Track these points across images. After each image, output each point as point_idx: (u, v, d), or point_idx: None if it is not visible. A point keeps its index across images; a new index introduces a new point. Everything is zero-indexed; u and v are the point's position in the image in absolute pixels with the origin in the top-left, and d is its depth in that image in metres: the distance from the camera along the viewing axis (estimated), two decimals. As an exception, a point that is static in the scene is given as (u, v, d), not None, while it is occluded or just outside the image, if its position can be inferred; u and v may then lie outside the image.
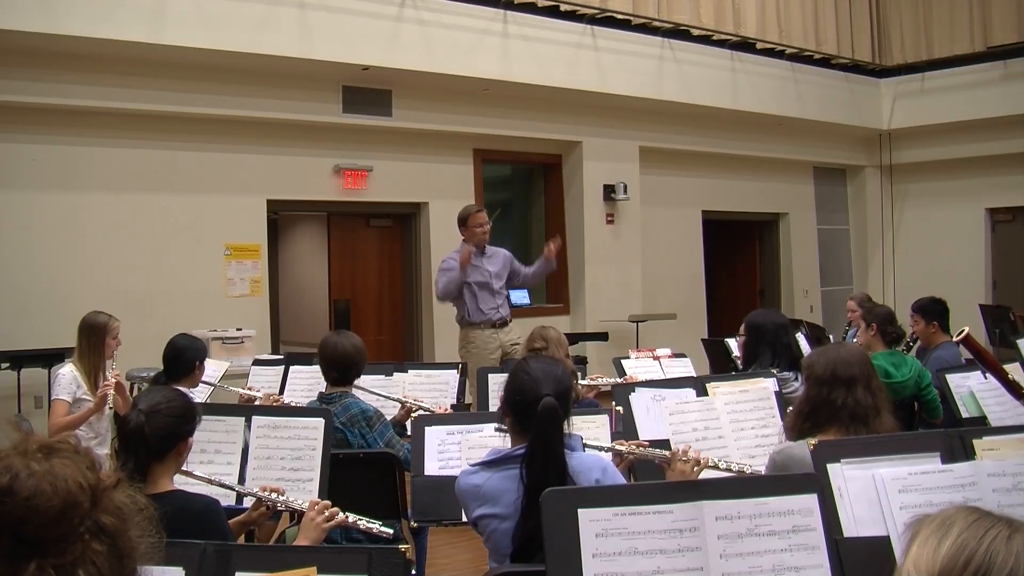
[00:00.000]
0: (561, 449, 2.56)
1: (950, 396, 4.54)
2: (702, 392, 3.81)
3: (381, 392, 4.47)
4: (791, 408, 3.14)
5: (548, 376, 2.63)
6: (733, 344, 5.90)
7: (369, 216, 9.63)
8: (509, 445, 2.68)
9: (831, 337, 7.53)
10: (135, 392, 6.58)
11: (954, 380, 4.58)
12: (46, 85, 7.16)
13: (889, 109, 12.45)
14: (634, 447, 3.22)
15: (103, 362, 4.73)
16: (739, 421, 3.71)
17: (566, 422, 2.60)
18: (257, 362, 5.68)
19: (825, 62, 11.89)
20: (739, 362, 5.05)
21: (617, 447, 3.22)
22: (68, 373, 4.69)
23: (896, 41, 12.54)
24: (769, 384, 3.88)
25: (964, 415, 4.47)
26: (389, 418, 4.22)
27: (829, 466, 2.35)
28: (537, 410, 2.54)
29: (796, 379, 4.41)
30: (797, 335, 5.16)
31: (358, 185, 8.95)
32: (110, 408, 4.61)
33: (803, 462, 2.54)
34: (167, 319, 7.52)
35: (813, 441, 2.48)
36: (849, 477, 2.34)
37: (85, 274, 7.57)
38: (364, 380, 4.29)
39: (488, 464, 2.65)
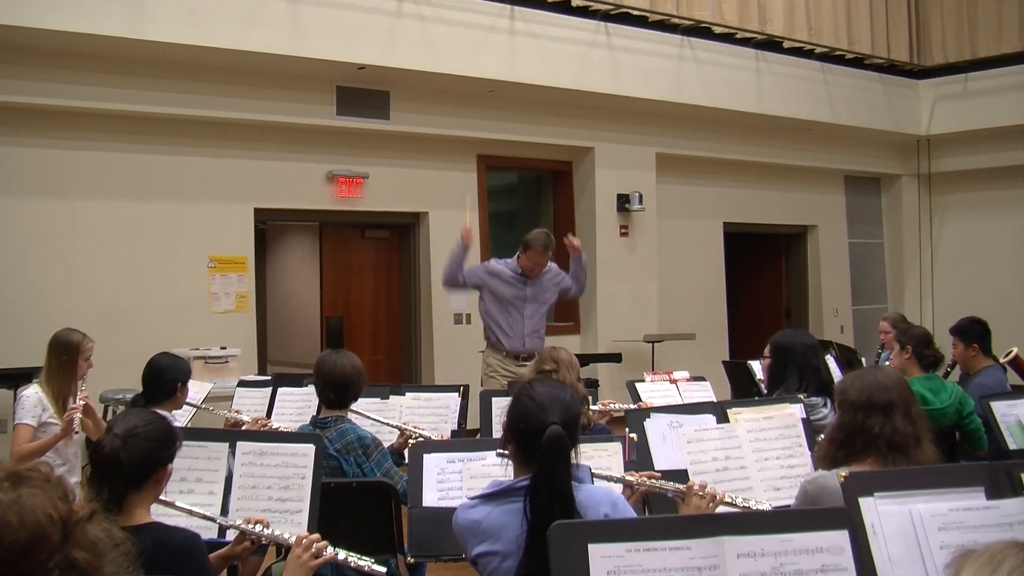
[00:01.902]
0: (568, 481, 2.54)
1: (995, 425, 4.51)
2: (723, 419, 3.79)
3: (377, 417, 4.46)
4: (822, 436, 3.13)
5: (555, 402, 2.62)
6: (757, 367, 5.88)
7: (364, 227, 9.64)
8: (512, 475, 2.67)
9: (863, 360, 7.51)
10: (110, 416, 6.57)
11: (1000, 408, 4.55)
12: (11, 83, 7.20)
13: (928, 113, 12.44)
14: (645, 479, 3.20)
15: (74, 384, 4.68)
16: (763, 451, 3.70)
17: (574, 451, 2.59)
18: (243, 383, 5.67)
19: (858, 62, 11.91)
20: (763, 386, 5.04)
21: (627, 478, 3.21)
22: (33, 395, 4.64)
23: (936, 39, 12.49)
24: (796, 411, 3.87)
25: (1011, 446, 4.45)
26: (386, 445, 4.21)
27: (861, 500, 2.34)
28: (542, 439, 2.53)
29: (825, 405, 4.39)
30: (826, 358, 5.13)
31: (352, 193, 8.97)
32: (78, 432, 4.59)
33: (838, 493, 2.53)
34: (146, 336, 7.53)
35: (843, 472, 2.46)
36: (883, 512, 2.33)
37: (56, 287, 7.59)
38: (359, 404, 4.28)
39: (488, 497, 2.63)
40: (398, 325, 9.78)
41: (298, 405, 5.17)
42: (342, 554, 2.75)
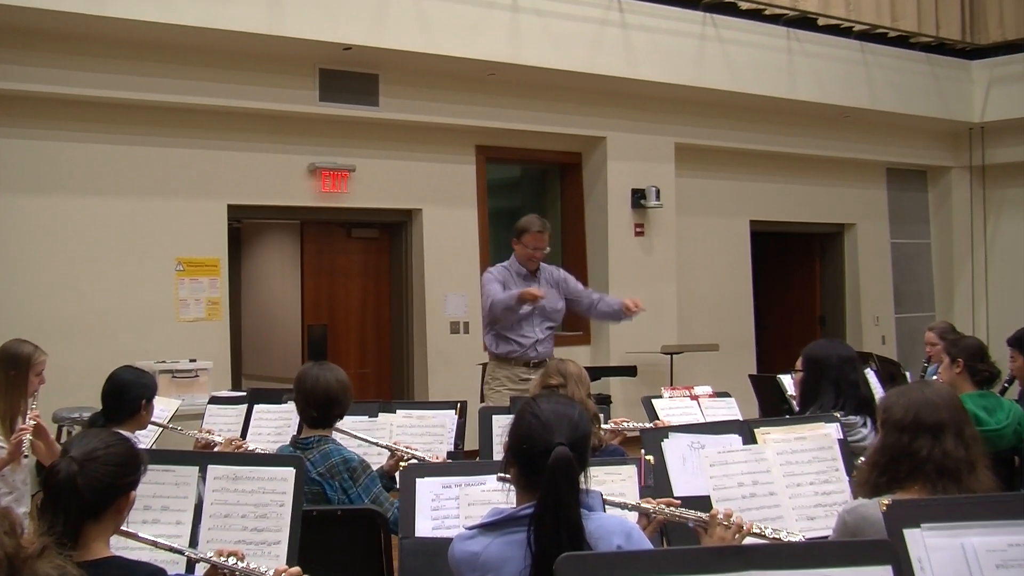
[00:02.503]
0: (576, 509, 2.53)
1: (1061, 449, 4.50)
2: (750, 439, 3.78)
3: (365, 437, 4.46)
4: (862, 459, 3.12)
5: (562, 420, 2.61)
6: (788, 382, 5.87)
7: (350, 225, 9.65)
8: (514, 502, 2.66)
9: (907, 375, 7.49)
10: (64, 438, 6.56)
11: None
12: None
13: (982, 98, 12.41)
14: (663, 506, 3.19)
15: (23, 402, 4.63)
16: (795, 475, 3.68)
17: (583, 475, 2.59)
18: (215, 400, 5.65)
19: (903, 41, 11.88)
20: (795, 403, 5.02)
21: (643, 506, 3.20)
22: (-25, 416, 4.61)
23: (993, 14, 12.36)
24: (832, 430, 3.86)
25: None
26: (375, 468, 4.20)
27: (906, 531, 2.32)
28: (548, 462, 2.52)
29: (865, 424, 4.38)
30: (866, 372, 5.12)
31: (337, 188, 8.97)
32: (27, 456, 4.57)
33: (880, 524, 2.51)
34: (105, 348, 7.53)
35: (886, 501, 2.45)
36: (932, 546, 2.31)
37: (4, 293, 7.58)
38: (344, 422, 4.28)
39: (488, 527, 2.62)
40: (388, 335, 9.77)
41: (276, 424, 5.16)
42: (325, 590, 2.73)
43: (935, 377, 5.81)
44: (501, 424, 4.65)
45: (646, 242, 10.50)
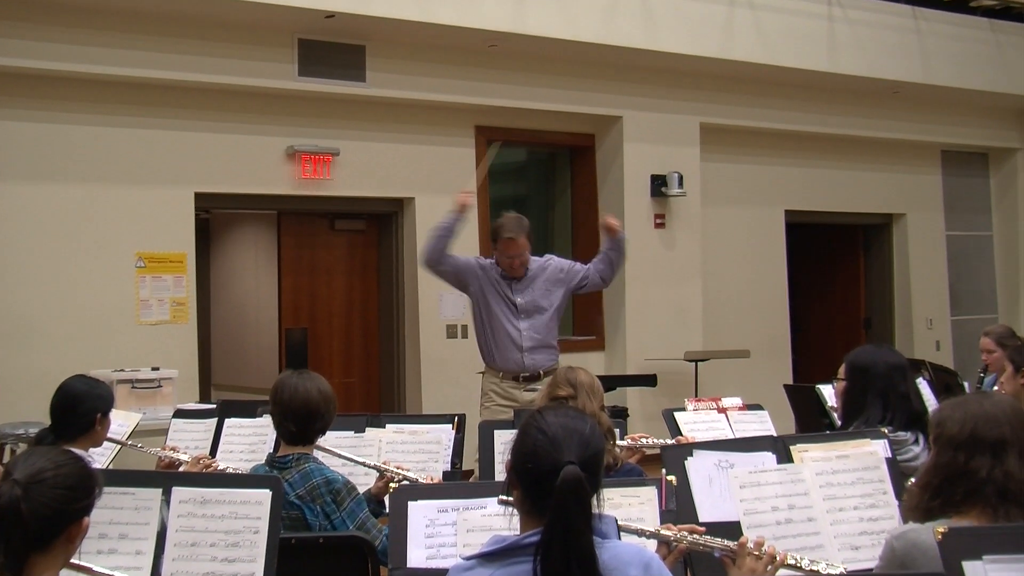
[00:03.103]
0: (588, 537, 2.52)
1: None
2: (785, 457, 3.78)
3: (350, 455, 4.46)
4: (912, 480, 3.11)
5: (571, 435, 2.60)
6: (828, 392, 5.86)
7: (334, 216, 9.65)
8: (518, 529, 2.65)
9: (965, 385, 7.47)
10: (7, 455, 6.56)
11: None
12: None
13: (1053, 70, 12.38)
14: (686, 533, 3.18)
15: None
16: (836, 498, 3.68)
17: (596, 498, 2.57)
18: (180, 413, 5.68)
19: (962, 5, 11.84)
20: (836, 417, 5.02)
21: (664, 533, 3.19)
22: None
23: (1067, -27, 12.35)
24: (879, 448, 3.86)
25: None
26: (362, 490, 4.22)
27: (966, 564, 2.31)
28: (556, 483, 2.51)
29: (916, 441, 4.38)
30: (917, 381, 5.11)
31: (319, 174, 8.96)
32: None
33: (933, 553, 2.50)
34: (55, 355, 7.52)
35: (941, 529, 2.44)
36: (996, 582, 2.30)
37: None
38: (327, 438, 4.29)
39: (489, 557, 2.61)
40: (376, 339, 9.78)
41: (250, 440, 5.17)
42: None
43: (995, 388, 5.79)
44: (503, 440, 4.66)
45: (667, 235, 10.48)
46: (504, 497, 2.71)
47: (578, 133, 10.50)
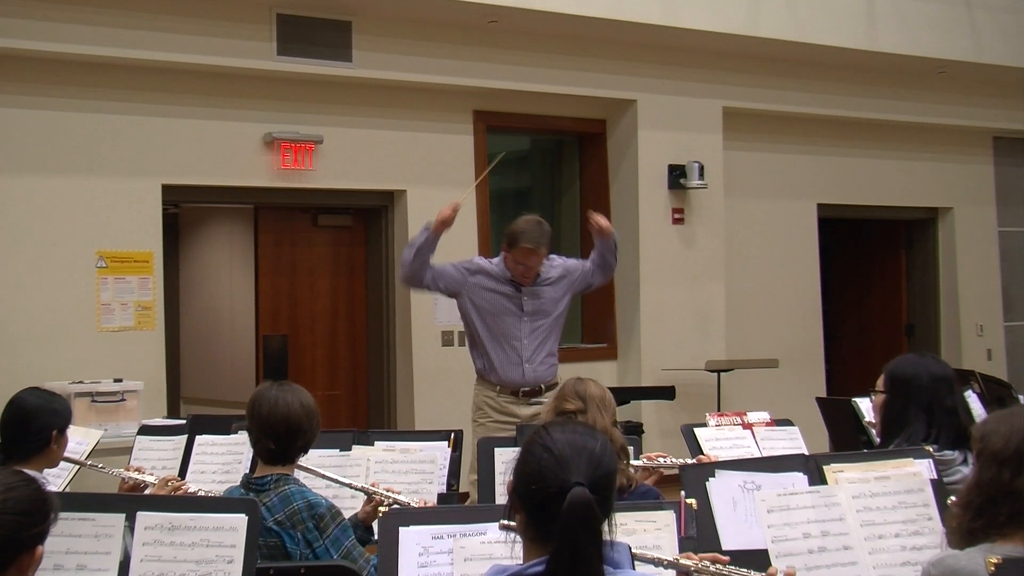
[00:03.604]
0: (599, 566, 2.52)
1: None
2: (818, 479, 3.79)
3: (335, 476, 4.47)
4: (953, 499, 3.10)
5: (580, 453, 2.59)
6: (866, 406, 5.86)
7: (317, 211, 9.66)
8: (520, 558, 2.65)
9: (1021, 398, 7.46)
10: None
11: None
12: None
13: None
14: (707, 563, 3.18)
15: None
16: (875, 524, 3.68)
17: (607, 523, 2.57)
18: (146, 430, 5.68)
19: (1013, -26, 11.86)
20: (875, 434, 5.01)
21: (684, 562, 3.19)
22: None
23: None
24: (922, 468, 3.86)
25: None
26: (348, 515, 4.22)
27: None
28: (563, 507, 2.51)
29: (964, 461, 4.37)
30: (966, 394, 5.11)
31: (300, 164, 8.97)
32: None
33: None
34: (5, 365, 7.53)
35: (995, 560, 2.43)
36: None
37: None
38: (310, 457, 4.29)
39: (491, 588, 2.61)
40: (364, 347, 9.78)
41: (224, 460, 5.18)
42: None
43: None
44: (505, 459, 4.65)
45: (687, 231, 10.48)
46: (506, 522, 2.71)
47: (587, 119, 10.50)
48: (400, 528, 3.47)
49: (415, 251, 6.71)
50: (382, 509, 4.15)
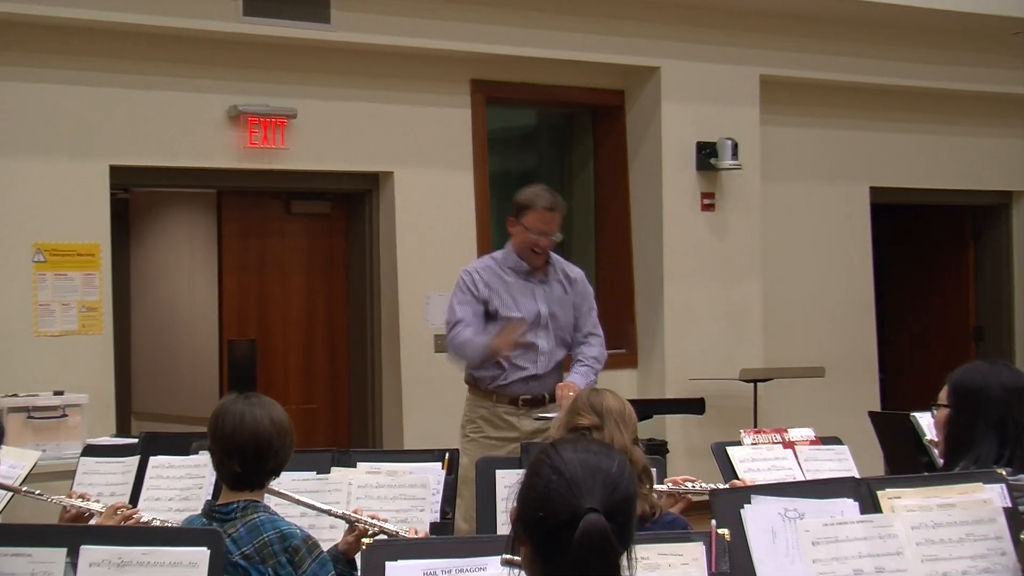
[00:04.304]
0: (617, 607, 2.53)
1: None
2: (871, 506, 3.80)
3: (312, 501, 4.47)
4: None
5: (595, 476, 2.59)
6: (927, 422, 5.87)
7: (290, 196, 9.66)
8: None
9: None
10: None
11: None
12: None
13: None
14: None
15: None
16: (938, 559, 3.68)
17: (626, 557, 2.58)
18: (91, 450, 5.67)
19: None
20: (937, 454, 5.01)
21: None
22: None
23: None
24: (993, 494, 3.86)
25: None
26: (327, 547, 4.22)
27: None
28: (574, 537, 2.51)
29: (1042, 486, 4.36)
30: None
31: (271, 142, 8.96)
32: None
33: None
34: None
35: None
36: None
37: None
38: (282, 481, 4.30)
39: (492, 632, 2.62)
40: (345, 354, 9.79)
41: (183, 485, 5.17)
42: None
43: None
44: (508, 482, 4.66)
45: (718, 220, 10.50)
46: (508, 556, 2.72)
47: (603, 90, 10.51)
48: (387, 563, 3.47)
49: (474, 348, 6.68)
50: (366, 540, 4.13)
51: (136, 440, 5.70)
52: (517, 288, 6.77)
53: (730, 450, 5.37)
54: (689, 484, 4.83)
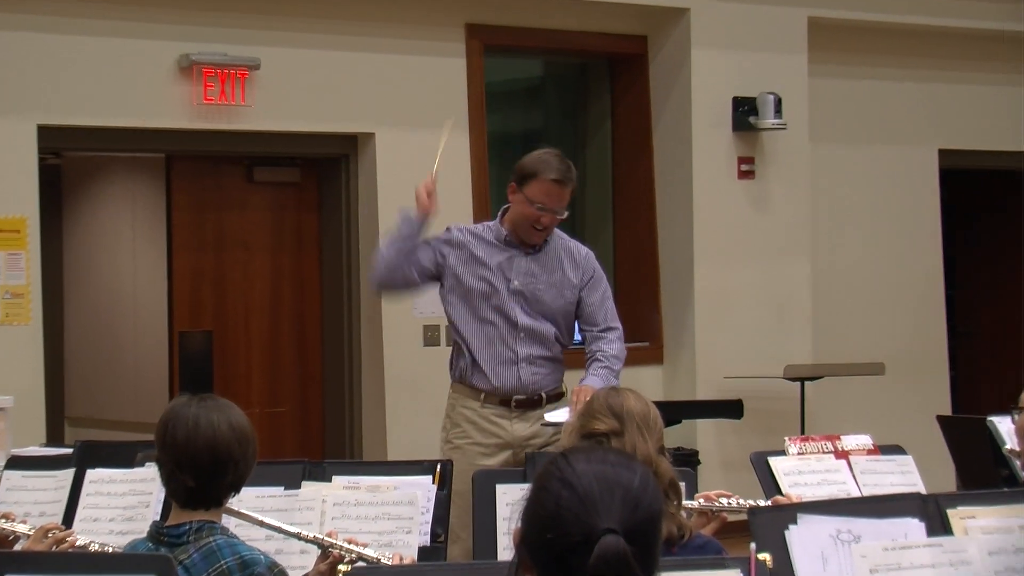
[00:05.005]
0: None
1: None
2: (940, 526, 3.82)
3: (278, 523, 4.48)
4: None
5: (612, 491, 2.60)
6: (1006, 428, 5.87)
7: (252, 162, 9.67)
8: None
9: None
10: None
11: None
12: None
13: None
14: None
15: None
16: (1018, 588, 3.69)
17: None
18: (16, 462, 5.67)
19: None
20: (1019, 466, 5.03)
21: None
22: None
23: None
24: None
25: None
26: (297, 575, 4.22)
27: None
28: (589, 561, 2.52)
29: None
30: None
31: (229, 98, 8.97)
32: None
33: None
34: None
35: None
36: None
37: None
38: (243, 497, 4.30)
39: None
40: (318, 349, 9.83)
41: (126, 502, 5.18)
42: None
43: None
44: (510, 498, 4.67)
45: (759, 189, 10.51)
46: (512, 584, 2.73)
47: (623, 35, 10.54)
48: (367, 594, 3.49)
49: (399, 243, 6.65)
50: (342, 568, 4.15)
51: (70, 450, 5.71)
52: (488, 253, 6.66)
53: (772, 461, 5.36)
54: (724, 501, 4.84)
